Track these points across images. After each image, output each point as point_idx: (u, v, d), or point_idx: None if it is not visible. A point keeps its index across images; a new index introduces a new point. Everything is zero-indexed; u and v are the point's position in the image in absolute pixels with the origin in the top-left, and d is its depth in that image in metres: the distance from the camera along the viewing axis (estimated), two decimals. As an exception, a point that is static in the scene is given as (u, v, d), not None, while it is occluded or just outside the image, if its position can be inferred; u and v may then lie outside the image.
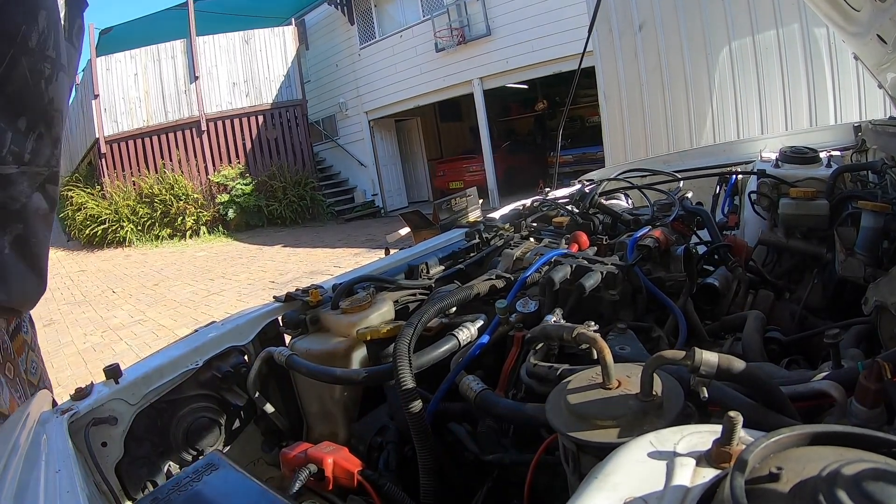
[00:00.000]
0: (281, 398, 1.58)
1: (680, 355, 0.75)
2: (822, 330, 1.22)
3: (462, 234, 2.24)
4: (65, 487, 0.89)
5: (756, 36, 5.16)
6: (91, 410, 1.21)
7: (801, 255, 1.84)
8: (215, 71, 14.12)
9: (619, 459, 0.57)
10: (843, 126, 3.17)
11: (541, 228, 2.14)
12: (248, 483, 0.94)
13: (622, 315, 1.32)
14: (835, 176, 1.96)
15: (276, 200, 14.04)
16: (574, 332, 0.96)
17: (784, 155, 2.24)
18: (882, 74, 2.43)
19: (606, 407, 0.74)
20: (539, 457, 0.92)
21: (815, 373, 0.98)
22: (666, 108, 5.72)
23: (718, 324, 1.45)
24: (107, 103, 13.37)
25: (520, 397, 1.12)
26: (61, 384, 4.97)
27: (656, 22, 5.65)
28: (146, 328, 6.50)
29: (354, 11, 14.76)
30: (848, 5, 1.91)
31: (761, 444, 0.49)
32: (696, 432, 0.59)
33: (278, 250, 10.90)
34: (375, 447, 1.27)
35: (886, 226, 1.42)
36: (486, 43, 12.08)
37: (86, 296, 8.86)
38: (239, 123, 14.35)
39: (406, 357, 1.06)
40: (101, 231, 13.11)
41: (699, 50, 5.45)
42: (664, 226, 1.69)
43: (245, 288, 7.90)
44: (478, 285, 1.41)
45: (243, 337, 1.54)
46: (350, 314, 1.45)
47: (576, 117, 15.04)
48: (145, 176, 13.56)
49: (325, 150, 16.56)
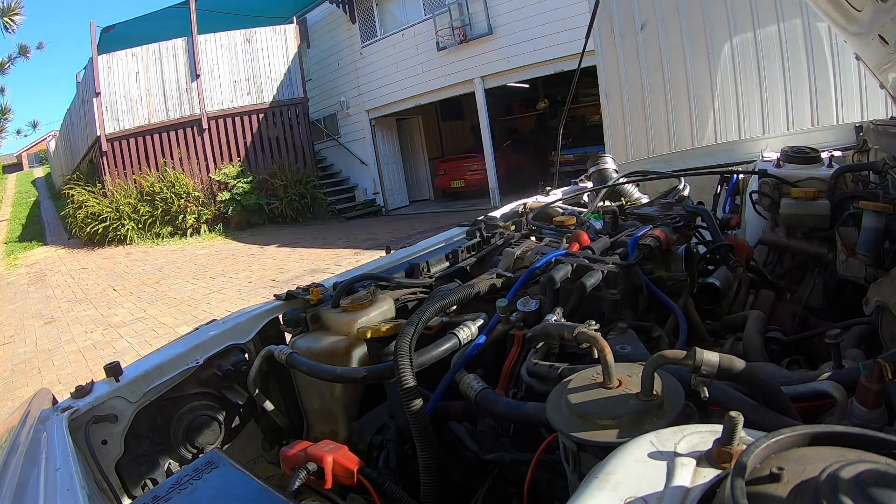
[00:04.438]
0: (281, 396, 1.58)
1: (681, 355, 0.75)
2: (823, 330, 1.21)
3: (463, 232, 2.24)
4: (65, 485, 0.90)
5: (758, 36, 5.15)
6: (91, 408, 1.21)
7: (803, 255, 1.84)
8: (217, 69, 14.11)
9: (620, 459, 0.57)
10: (845, 126, 3.16)
11: (541, 227, 2.14)
12: (248, 481, 0.94)
13: (623, 314, 1.32)
14: (836, 176, 1.95)
15: (277, 199, 14.04)
16: (575, 331, 0.96)
17: (785, 155, 2.24)
18: (884, 75, 2.42)
19: (607, 406, 0.74)
20: (539, 456, 0.92)
21: (816, 373, 0.98)
22: (667, 108, 5.71)
23: (719, 323, 1.45)
24: (108, 101, 13.36)
25: (520, 396, 1.12)
26: (62, 382, 4.98)
27: (658, 21, 5.64)
28: (147, 326, 6.51)
29: (356, 10, 14.75)
30: (850, 5, 1.90)
31: (762, 445, 0.49)
32: (697, 432, 0.59)
33: (279, 248, 10.90)
34: (375, 445, 1.27)
35: (888, 226, 1.41)
36: (487, 42, 12.07)
37: (87, 293, 8.87)
38: (240, 121, 14.35)
39: (407, 355, 1.06)
40: (102, 229, 13.11)
41: (701, 50, 5.44)
42: (665, 225, 1.69)
43: (246, 286, 7.91)
44: (478, 284, 1.41)
45: (244, 335, 1.54)
46: (351, 312, 1.45)
47: (577, 117, 15.01)
48: (146, 174, 13.55)
49: (327, 149, 16.56)
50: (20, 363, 5.87)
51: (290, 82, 14.72)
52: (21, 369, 5.66)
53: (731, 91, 5.35)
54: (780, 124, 5.16)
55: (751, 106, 5.29)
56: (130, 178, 13.59)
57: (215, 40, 14.04)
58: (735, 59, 5.29)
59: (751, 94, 5.27)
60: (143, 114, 13.62)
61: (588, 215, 2.25)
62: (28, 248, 14.28)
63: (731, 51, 5.28)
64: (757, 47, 5.16)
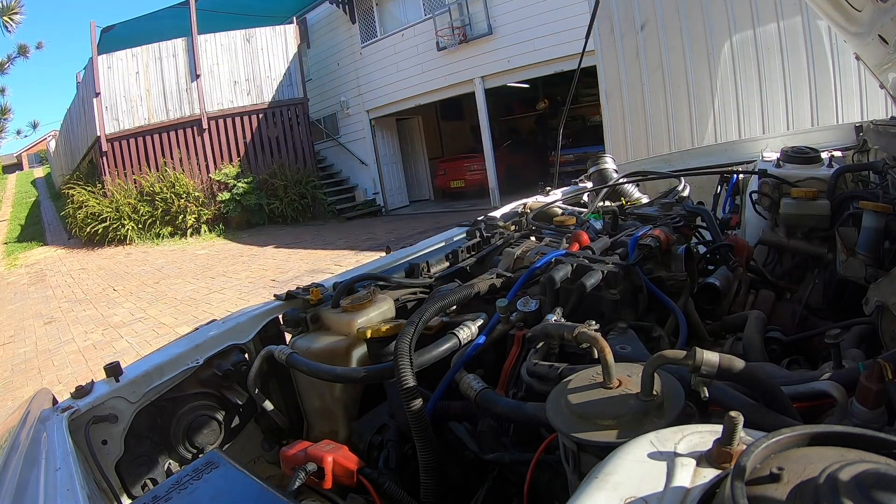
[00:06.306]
0: (281, 396, 1.58)
1: (681, 355, 0.75)
2: (823, 330, 1.21)
3: (463, 232, 2.24)
4: (65, 485, 0.90)
5: (758, 35, 5.15)
6: (91, 408, 1.21)
7: (803, 255, 1.84)
8: (217, 69, 14.11)
9: (620, 459, 0.57)
10: (845, 126, 3.17)
11: (541, 227, 2.14)
12: (247, 481, 0.94)
13: (623, 314, 1.32)
14: (836, 176, 1.95)
15: (277, 199, 14.04)
16: (575, 331, 0.96)
17: (785, 155, 2.24)
18: (884, 75, 2.42)
19: (607, 406, 0.74)
20: (539, 456, 0.92)
21: (816, 373, 0.98)
22: (667, 108, 5.70)
23: (719, 323, 1.44)
24: (108, 101, 13.35)
25: (520, 396, 1.12)
26: (62, 382, 4.98)
27: (658, 21, 5.64)
28: (147, 326, 6.51)
29: (356, 10, 14.75)
30: (849, 5, 1.90)
31: (762, 445, 0.49)
32: (697, 432, 0.59)
33: (279, 248, 10.90)
34: (375, 445, 1.27)
35: (888, 226, 1.41)
36: (487, 42, 12.07)
37: (87, 294, 8.87)
38: (240, 122, 14.35)
39: (407, 355, 1.06)
40: (102, 229, 13.11)
41: (701, 50, 5.44)
42: (665, 225, 1.69)
43: (246, 286, 7.91)
44: (478, 284, 1.41)
45: (244, 335, 1.54)
46: (351, 312, 1.45)
47: (577, 117, 15.01)
48: (146, 174, 13.54)
49: (327, 149, 16.56)
50: (20, 363, 5.87)
51: (289, 82, 14.72)
52: (21, 369, 5.66)
53: (731, 91, 5.34)
54: (780, 124, 5.16)
55: (751, 106, 5.28)
56: (130, 178, 13.58)
57: (215, 40, 14.04)
58: (735, 59, 5.28)
59: (751, 94, 5.26)
60: (143, 114, 13.62)
61: (588, 215, 2.25)
62: (28, 249, 14.28)
63: (731, 51, 5.28)
64: (757, 47, 5.16)
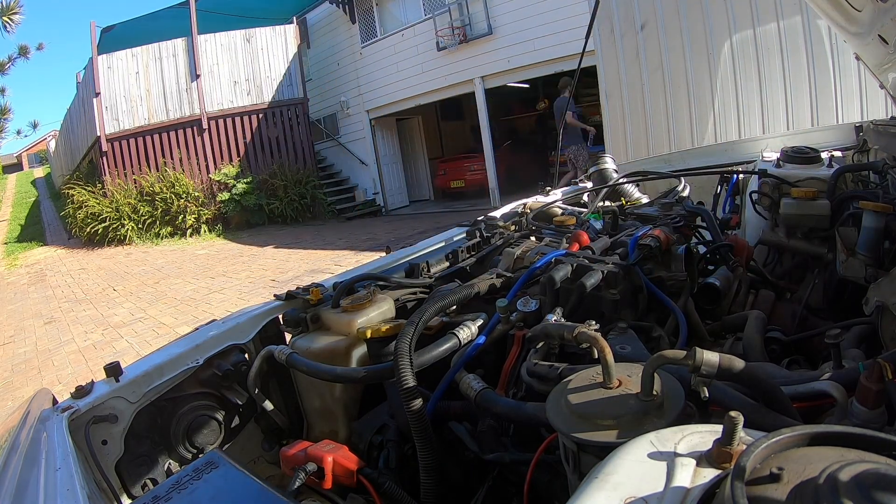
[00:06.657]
0: (281, 396, 1.58)
1: (681, 355, 0.75)
2: (823, 330, 1.21)
3: (463, 232, 2.24)
4: (65, 485, 0.90)
5: (758, 35, 5.15)
6: (91, 408, 1.21)
7: (803, 255, 1.84)
8: (217, 69, 14.10)
9: (620, 459, 0.57)
10: (845, 126, 3.17)
11: (541, 227, 2.14)
12: (247, 481, 0.94)
13: (623, 314, 1.32)
14: (836, 176, 1.95)
15: (277, 199, 14.03)
16: (575, 331, 0.96)
17: (785, 155, 2.24)
18: (884, 75, 2.42)
19: (607, 406, 0.74)
20: (539, 456, 0.92)
21: (816, 373, 0.97)
22: (667, 108, 5.70)
23: (719, 324, 1.44)
24: (108, 101, 13.35)
25: (520, 396, 1.12)
26: (62, 382, 4.98)
27: (658, 21, 5.64)
28: (147, 326, 6.51)
29: (356, 10, 14.74)
30: (849, 5, 1.90)
31: (762, 445, 0.49)
32: (697, 432, 0.59)
33: (279, 248, 10.89)
34: (375, 445, 1.27)
35: (888, 226, 1.41)
36: (487, 42, 12.06)
37: (86, 294, 8.87)
38: (240, 122, 14.34)
39: (407, 355, 1.06)
40: (102, 229, 13.10)
41: (701, 50, 5.44)
42: (665, 225, 1.69)
43: (246, 286, 7.91)
44: (478, 284, 1.41)
45: (244, 335, 1.54)
46: (351, 312, 1.45)
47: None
48: (146, 174, 13.54)
49: (327, 149, 16.55)
50: (20, 363, 5.87)
51: (289, 82, 14.71)
52: (21, 369, 5.66)
53: (731, 91, 5.34)
54: (780, 124, 5.16)
55: (751, 106, 5.28)
56: (130, 178, 13.58)
57: (215, 40, 14.04)
58: (735, 59, 5.28)
59: (751, 94, 5.26)
60: (143, 114, 13.61)
61: (588, 215, 2.25)
62: (28, 249, 14.28)
63: (731, 51, 5.28)
64: (757, 47, 5.16)
